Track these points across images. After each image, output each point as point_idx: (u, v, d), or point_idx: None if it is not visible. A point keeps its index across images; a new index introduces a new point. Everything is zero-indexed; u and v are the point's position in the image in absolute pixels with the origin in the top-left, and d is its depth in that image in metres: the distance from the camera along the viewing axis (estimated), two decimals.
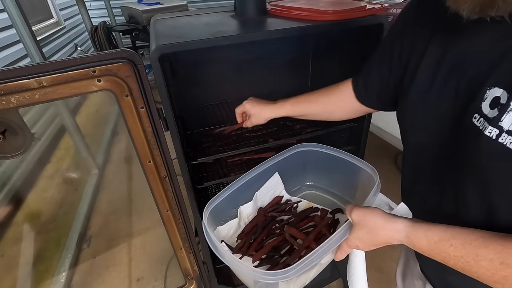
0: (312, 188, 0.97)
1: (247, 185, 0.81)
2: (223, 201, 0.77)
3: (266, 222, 0.83)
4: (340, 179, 0.89)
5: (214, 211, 0.76)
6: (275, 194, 0.91)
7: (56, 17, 3.56)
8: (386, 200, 0.67)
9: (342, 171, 0.82)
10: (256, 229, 0.81)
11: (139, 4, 3.17)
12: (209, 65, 1.13)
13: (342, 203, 0.90)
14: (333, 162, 0.82)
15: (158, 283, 1.47)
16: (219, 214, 0.80)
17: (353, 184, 0.83)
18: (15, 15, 1.46)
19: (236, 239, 0.82)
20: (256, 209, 0.86)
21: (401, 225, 0.48)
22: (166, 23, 0.88)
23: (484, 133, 0.39)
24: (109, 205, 2.00)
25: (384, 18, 0.78)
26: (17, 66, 0.50)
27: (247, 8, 0.86)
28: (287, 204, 0.90)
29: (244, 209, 0.84)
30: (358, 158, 0.78)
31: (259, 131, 1.07)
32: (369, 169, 0.74)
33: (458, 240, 0.41)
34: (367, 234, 0.52)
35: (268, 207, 0.88)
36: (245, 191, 0.82)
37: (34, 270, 1.53)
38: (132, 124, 0.64)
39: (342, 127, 1.01)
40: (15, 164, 1.94)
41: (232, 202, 0.81)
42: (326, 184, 0.95)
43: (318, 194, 0.96)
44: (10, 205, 1.82)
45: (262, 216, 0.84)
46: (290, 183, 0.94)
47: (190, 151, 0.95)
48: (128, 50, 0.57)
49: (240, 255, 0.76)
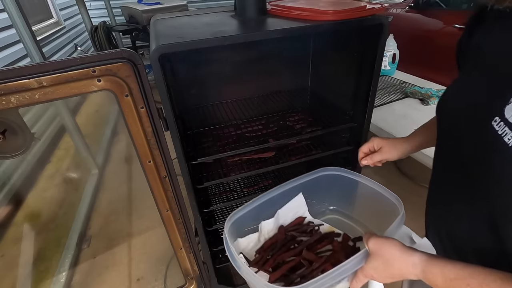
0: (335, 212, 0.96)
1: (271, 201, 0.82)
2: (245, 214, 0.78)
3: (285, 241, 0.83)
4: (364, 206, 0.88)
5: (236, 223, 0.77)
6: (298, 214, 0.91)
7: (56, 17, 3.56)
8: (409, 232, 0.65)
9: (366, 198, 0.81)
10: (275, 246, 0.82)
11: (139, 4, 3.17)
12: (209, 65, 1.13)
13: (364, 231, 0.88)
14: (358, 188, 0.82)
15: (158, 283, 1.47)
16: (240, 226, 0.81)
17: (377, 212, 0.81)
18: (15, 15, 1.46)
19: (254, 253, 0.82)
20: (277, 226, 0.86)
21: (418, 259, 0.46)
22: (166, 23, 0.88)
23: (503, 139, 0.37)
24: (109, 205, 2.00)
25: (384, 18, 0.78)
26: (17, 66, 0.50)
27: (247, 8, 0.86)
28: (309, 225, 0.89)
29: (265, 225, 0.85)
30: (383, 186, 0.77)
31: (259, 131, 1.07)
32: (393, 199, 0.72)
33: (475, 280, 0.40)
34: (382, 265, 0.51)
35: (289, 226, 0.88)
36: (267, 207, 0.83)
37: (34, 270, 1.53)
38: (132, 124, 0.64)
39: (342, 127, 1.01)
40: (15, 164, 1.94)
41: (254, 216, 0.82)
42: (350, 210, 0.94)
43: (341, 220, 0.95)
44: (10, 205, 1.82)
45: (282, 234, 0.84)
46: (314, 206, 0.94)
47: (190, 151, 0.94)
48: (128, 50, 0.57)
49: (256, 269, 0.77)
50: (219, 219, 1.14)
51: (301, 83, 1.30)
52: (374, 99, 0.92)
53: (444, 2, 2.51)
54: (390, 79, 1.90)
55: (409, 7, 2.75)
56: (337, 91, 1.14)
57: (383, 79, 1.90)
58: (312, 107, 1.25)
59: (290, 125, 1.11)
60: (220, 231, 1.17)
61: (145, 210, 1.86)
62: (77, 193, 2.03)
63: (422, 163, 1.13)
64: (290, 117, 1.14)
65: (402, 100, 1.62)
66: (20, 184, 1.95)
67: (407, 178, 2.05)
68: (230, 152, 0.95)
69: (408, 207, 0.70)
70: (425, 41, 2.53)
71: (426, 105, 1.52)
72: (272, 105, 1.18)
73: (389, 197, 0.74)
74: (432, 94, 1.57)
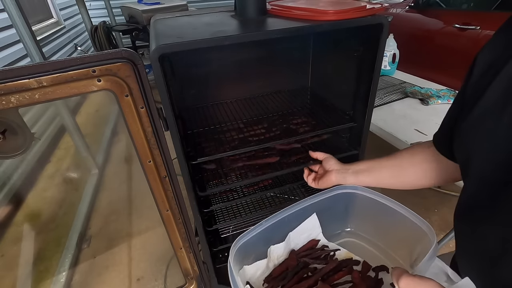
0: (353, 235, 0.86)
1: (281, 223, 0.74)
2: (253, 237, 0.70)
3: (297, 268, 0.74)
4: (386, 230, 0.78)
5: (243, 248, 0.69)
6: (311, 237, 0.82)
7: (56, 17, 3.56)
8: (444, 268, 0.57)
9: (389, 221, 0.72)
10: (286, 274, 0.73)
11: (139, 4, 3.17)
12: (209, 65, 1.13)
13: (387, 258, 0.77)
14: (380, 210, 0.73)
15: (158, 283, 1.47)
16: (248, 252, 0.73)
17: (402, 239, 0.71)
18: (15, 15, 1.46)
19: (262, 282, 0.74)
20: (288, 251, 0.78)
21: None
22: (166, 23, 0.87)
23: None
24: (109, 205, 2.00)
25: (384, 18, 0.78)
26: (17, 66, 0.50)
27: (247, 8, 0.86)
28: (324, 250, 0.79)
29: (275, 250, 0.76)
30: (410, 210, 0.68)
31: (262, 135, 1.06)
32: (423, 226, 0.63)
33: None
34: None
35: (301, 250, 0.80)
36: (278, 230, 0.75)
37: (34, 270, 1.53)
38: (132, 124, 0.64)
39: (342, 127, 1.01)
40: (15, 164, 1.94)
41: (262, 240, 0.74)
42: (370, 233, 0.84)
43: (360, 244, 0.84)
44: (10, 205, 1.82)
45: (294, 260, 0.75)
46: (329, 227, 0.84)
47: (190, 151, 0.94)
48: (128, 50, 0.57)
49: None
50: (219, 219, 1.14)
51: (301, 83, 1.30)
52: (374, 99, 0.92)
53: (444, 2, 2.51)
54: (390, 79, 1.90)
55: (409, 7, 2.75)
56: (337, 91, 1.14)
57: (383, 79, 1.90)
58: (312, 107, 1.25)
59: (293, 128, 1.10)
60: (220, 231, 1.17)
61: (145, 210, 1.87)
62: (77, 193, 2.03)
63: None
64: (292, 120, 1.14)
65: (402, 100, 1.62)
66: (20, 184, 1.95)
67: None
68: (230, 152, 0.95)
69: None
70: (425, 41, 2.53)
71: (426, 105, 1.52)
72: (273, 105, 1.18)
73: (417, 222, 0.65)
74: (432, 94, 1.57)
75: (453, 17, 2.31)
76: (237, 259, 0.68)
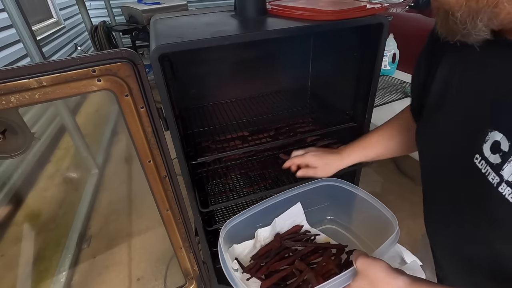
0: (333, 223, 0.98)
1: (268, 209, 0.83)
2: (242, 221, 0.80)
3: (280, 249, 0.84)
4: (361, 219, 0.89)
5: (232, 230, 0.79)
6: (295, 222, 0.91)
7: (56, 17, 3.56)
8: (401, 252, 0.65)
9: (364, 211, 0.82)
10: (269, 253, 0.83)
11: (139, 3, 3.17)
12: (209, 65, 1.13)
13: (360, 244, 0.89)
14: (356, 201, 0.83)
15: (158, 283, 1.47)
16: (237, 233, 0.82)
17: (373, 227, 0.81)
18: (15, 15, 1.46)
19: (249, 259, 0.83)
20: (273, 234, 0.87)
21: (402, 282, 0.47)
22: (166, 22, 0.87)
23: (488, 178, 0.37)
24: (109, 205, 2.00)
25: (384, 18, 0.78)
26: (17, 65, 0.50)
27: (247, 8, 0.86)
28: (305, 235, 0.90)
29: (261, 232, 0.86)
30: (380, 202, 0.77)
31: (264, 138, 1.06)
32: (389, 216, 0.73)
33: None
34: (367, 286, 0.51)
35: (285, 234, 0.89)
36: (264, 215, 0.84)
37: (34, 270, 1.53)
38: (132, 124, 0.64)
39: (342, 127, 1.01)
40: (15, 164, 1.94)
41: (251, 224, 0.83)
42: (347, 221, 0.95)
43: (338, 230, 0.96)
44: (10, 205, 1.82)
45: (278, 242, 0.85)
46: (312, 214, 0.94)
47: (190, 151, 0.94)
48: (128, 49, 0.57)
49: (249, 276, 0.78)
50: (219, 219, 1.14)
51: (301, 83, 1.30)
52: (374, 99, 0.92)
53: None
54: (390, 79, 1.90)
55: (409, 7, 2.75)
56: (337, 91, 1.14)
57: (383, 79, 1.90)
58: (312, 107, 1.25)
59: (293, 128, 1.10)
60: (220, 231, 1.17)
61: (145, 210, 1.87)
62: (77, 193, 2.03)
63: None
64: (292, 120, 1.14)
65: (402, 100, 1.62)
66: (20, 184, 1.95)
67: (406, 178, 2.05)
68: (230, 152, 0.95)
69: (407, 207, 0.70)
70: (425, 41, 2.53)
71: None
72: (272, 105, 1.18)
73: (386, 214, 0.74)
74: None
75: None
76: (226, 240, 0.78)
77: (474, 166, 0.40)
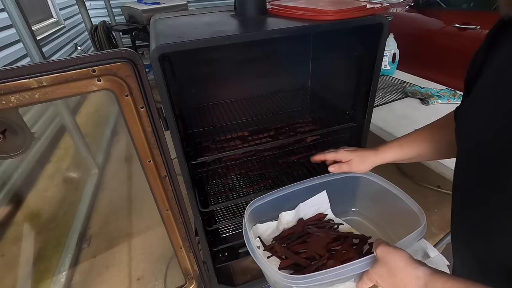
0: (358, 215, 0.96)
1: (293, 194, 0.84)
2: (266, 203, 0.81)
3: (302, 233, 0.84)
4: (387, 212, 0.87)
5: (256, 210, 0.80)
6: (320, 210, 0.91)
7: (56, 17, 3.56)
8: (426, 248, 0.65)
9: (390, 204, 0.80)
10: (291, 236, 0.84)
11: (139, 3, 3.17)
12: (209, 65, 1.13)
13: (385, 237, 0.87)
14: (383, 194, 0.82)
15: (158, 283, 1.47)
16: (260, 214, 0.84)
17: (399, 221, 0.80)
18: (15, 15, 1.46)
19: (271, 239, 0.85)
20: (296, 219, 0.88)
21: (422, 272, 0.46)
22: (166, 22, 0.87)
23: None
24: (109, 205, 2.00)
25: (384, 18, 0.78)
26: (17, 65, 0.50)
27: (247, 8, 0.86)
28: (329, 223, 0.90)
29: (285, 216, 0.86)
30: (407, 194, 0.77)
31: (263, 138, 1.06)
32: (416, 210, 0.72)
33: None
34: (386, 273, 0.51)
35: (309, 220, 0.89)
36: (289, 200, 0.85)
37: (34, 270, 1.53)
38: (132, 124, 0.64)
39: (342, 126, 1.01)
40: (15, 164, 1.95)
41: (274, 207, 0.84)
42: (373, 214, 0.93)
43: (363, 222, 0.94)
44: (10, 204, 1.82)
45: (301, 227, 0.86)
46: (337, 205, 0.94)
47: (190, 150, 0.95)
48: (128, 49, 0.57)
49: (270, 254, 0.80)
50: (219, 218, 1.14)
51: (301, 83, 1.30)
52: (374, 99, 0.92)
53: (444, 2, 2.51)
54: (390, 79, 1.90)
55: (409, 7, 2.75)
56: (337, 91, 1.14)
57: (383, 79, 1.90)
58: (312, 107, 1.25)
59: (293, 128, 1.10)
60: (220, 231, 1.17)
61: (145, 209, 1.87)
62: (77, 193, 2.03)
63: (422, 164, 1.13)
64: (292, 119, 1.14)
65: (402, 100, 1.62)
66: (20, 184, 1.95)
67: (407, 178, 2.05)
68: (230, 152, 0.95)
69: None
70: (425, 41, 2.53)
71: (426, 104, 1.52)
72: (272, 105, 1.18)
73: (413, 208, 0.73)
74: (432, 93, 1.57)
75: (453, 17, 2.31)
76: (250, 218, 0.79)
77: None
